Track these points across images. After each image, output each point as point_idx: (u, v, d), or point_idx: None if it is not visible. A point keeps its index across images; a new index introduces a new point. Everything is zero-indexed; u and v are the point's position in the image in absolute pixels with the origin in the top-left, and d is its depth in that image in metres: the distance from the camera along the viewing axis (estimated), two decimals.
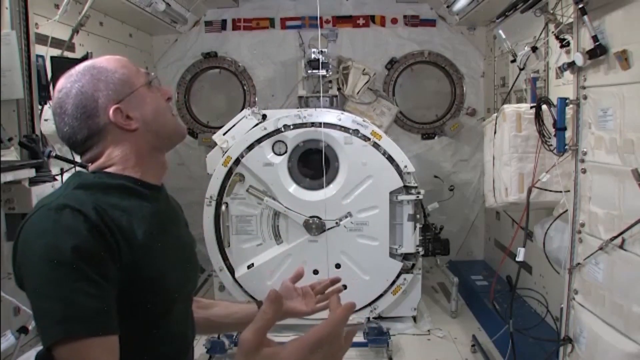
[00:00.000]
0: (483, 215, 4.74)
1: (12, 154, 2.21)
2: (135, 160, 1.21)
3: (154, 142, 1.24)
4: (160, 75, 4.56)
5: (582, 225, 2.08)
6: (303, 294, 1.47)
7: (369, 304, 3.44)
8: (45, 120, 2.57)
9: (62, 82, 1.20)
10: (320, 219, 3.33)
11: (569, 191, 2.21)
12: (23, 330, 2.30)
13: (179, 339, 1.27)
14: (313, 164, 3.43)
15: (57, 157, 2.42)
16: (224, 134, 3.41)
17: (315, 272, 3.36)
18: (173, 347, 1.24)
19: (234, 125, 3.43)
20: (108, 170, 1.20)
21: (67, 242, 1.00)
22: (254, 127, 3.36)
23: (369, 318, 3.43)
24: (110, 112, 1.17)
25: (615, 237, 1.83)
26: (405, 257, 3.43)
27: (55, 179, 2.27)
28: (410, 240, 3.38)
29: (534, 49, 2.93)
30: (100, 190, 1.13)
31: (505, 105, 2.82)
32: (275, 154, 3.35)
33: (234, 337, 3.20)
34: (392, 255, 3.39)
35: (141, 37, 4.31)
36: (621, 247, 1.82)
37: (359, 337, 3.34)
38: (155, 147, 1.25)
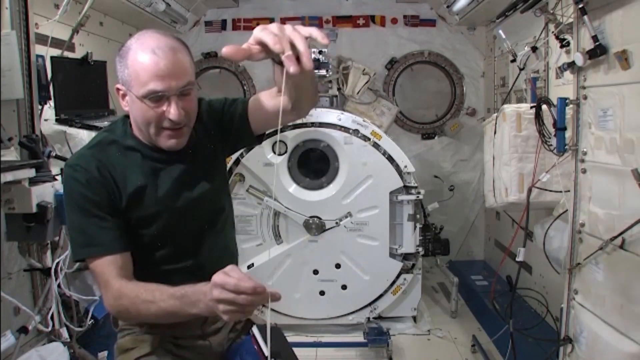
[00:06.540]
0: (483, 215, 4.73)
1: (12, 154, 2.21)
2: (138, 128, 1.46)
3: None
4: None
5: (582, 225, 2.08)
6: None
7: (369, 304, 3.44)
8: (45, 120, 2.57)
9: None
10: (320, 218, 3.33)
11: (569, 191, 2.21)
12: (23, 330, 2.30)
13: (183, 261, 1.52)
14: (313, 163, 3.43)
15: (57, 157, 2.42)
16: None
17: (315, 272, 3.35)
18: (177, 266, 1.51)
19: None
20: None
21: (79, 191, 1.40)
22: None
23: (369, 318, 3.43)
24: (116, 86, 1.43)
25: (615, 237, 1.83)
26: (405, 257, 3.43)
27: (55, 179, 2.26)
28: (410, 240, 3.38)
29: (534, 49, 2.93)
30: (111, 146, 1.46)
31: (505, 105, 2.82)
32: (275, 154, 3.35)
33: None
34: (392, 255, 3.39)
35: None
36: (621, 247, 1.82)
37: (359, 337, 3.35)
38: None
